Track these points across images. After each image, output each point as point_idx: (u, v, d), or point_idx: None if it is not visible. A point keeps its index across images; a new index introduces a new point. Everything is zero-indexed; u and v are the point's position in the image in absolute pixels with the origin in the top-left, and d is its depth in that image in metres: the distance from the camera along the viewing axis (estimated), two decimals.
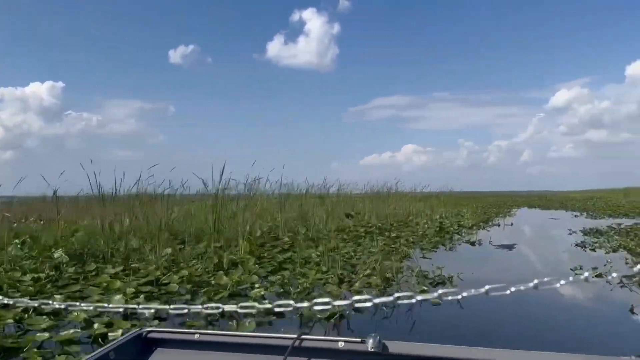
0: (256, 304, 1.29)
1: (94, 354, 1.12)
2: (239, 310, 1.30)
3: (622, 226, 10.93)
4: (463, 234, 10.13)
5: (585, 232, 9.92)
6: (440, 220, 12.67)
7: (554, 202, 34.14)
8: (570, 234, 10.01)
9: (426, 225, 11.04)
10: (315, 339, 1.19)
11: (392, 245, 7.24)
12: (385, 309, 3.73)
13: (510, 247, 7.77)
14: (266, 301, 1.60)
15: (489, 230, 11.36)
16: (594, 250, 7.17)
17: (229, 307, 1.32)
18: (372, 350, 1.09)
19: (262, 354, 1.20)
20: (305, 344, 1.17)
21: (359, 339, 1.13)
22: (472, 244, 8.37)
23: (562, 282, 1.05)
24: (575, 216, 17.06)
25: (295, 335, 1.17)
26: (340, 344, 1.14)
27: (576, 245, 7.71)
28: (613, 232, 9.93)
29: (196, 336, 1.24)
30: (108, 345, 1.19)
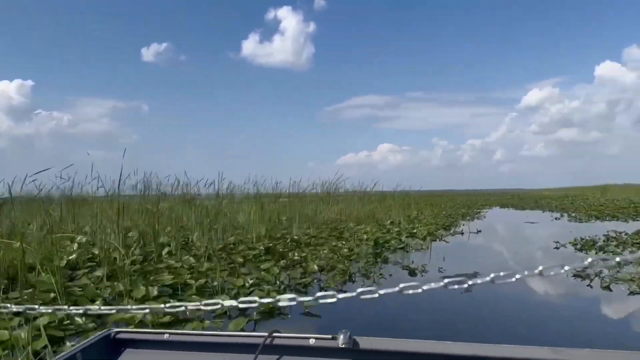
0: (221, 301, 1.19)
1: (60, 355, 1.09)
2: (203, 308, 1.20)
3: (623, 235, 8.15)
4: (409, 250, 7.16)
5: (578, 246, 7.06)
6: (388, 228, 9.74)
7: (527, 200, 31.84)
8: (557, 247, 7.15)
9: (365, 236, 8.06)
10: (286, 336, 1.18)
11: (259, 288, 4.17)
12: None
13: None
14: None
15: (447, 242, 8.44)
16: (608, 288, 4.25)
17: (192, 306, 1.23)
18: (343, 346, 1.10)
19: (233, 352, 1.18)
20: (276, 341, 1.16)
21: (329, 336, 1.13)
22: (412, 272, 5.35)
23: (518, 276, 0.96)
24: (556, 219, 14.34)
25: (267, 333, 1.16)
26: (312, 341, 1.14)
27: (576, 276, 4.76)
28: (615, 243, 7.12)
29: (166, 336, 1.22)
30: (75, 347, 1.14)
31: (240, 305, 1.14)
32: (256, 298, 1.15)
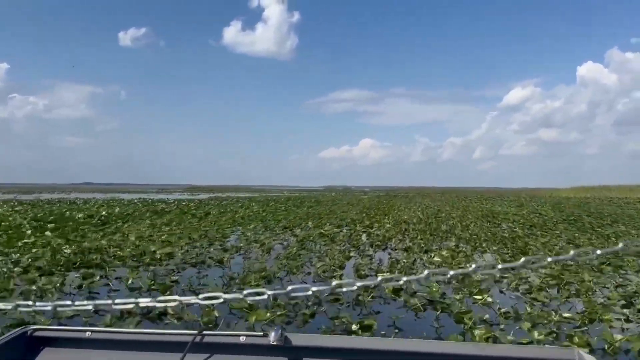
0: (177, 298, 1.24)
1: None
2: (158, 305, 1.24)
3: None
4: None
5: None
6: None
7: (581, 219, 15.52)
8: None
9: None
10: (216, 334, 1.17)
11: None
12: None
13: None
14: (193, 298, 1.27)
15: None
16: None
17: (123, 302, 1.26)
18: (275, 343, 1.10)
19: (159, 351, 1.14)
20: (206, 339, 1.14)
21: (261, 333, 1.15)
22: None
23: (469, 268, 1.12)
24: None
25: (196, 331, 1.14)
26: (242, 339, 1.14)
27: None
28: None
29: (88, 334, 1.17)
30: None
31: (249, 299, 1.16)
32: (265, 290, 1.17)
